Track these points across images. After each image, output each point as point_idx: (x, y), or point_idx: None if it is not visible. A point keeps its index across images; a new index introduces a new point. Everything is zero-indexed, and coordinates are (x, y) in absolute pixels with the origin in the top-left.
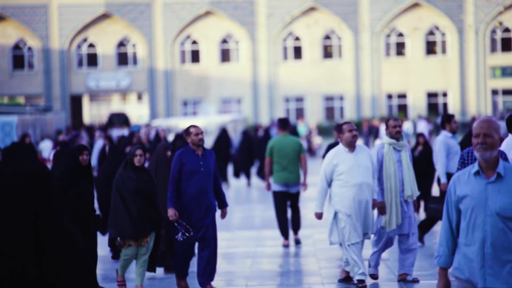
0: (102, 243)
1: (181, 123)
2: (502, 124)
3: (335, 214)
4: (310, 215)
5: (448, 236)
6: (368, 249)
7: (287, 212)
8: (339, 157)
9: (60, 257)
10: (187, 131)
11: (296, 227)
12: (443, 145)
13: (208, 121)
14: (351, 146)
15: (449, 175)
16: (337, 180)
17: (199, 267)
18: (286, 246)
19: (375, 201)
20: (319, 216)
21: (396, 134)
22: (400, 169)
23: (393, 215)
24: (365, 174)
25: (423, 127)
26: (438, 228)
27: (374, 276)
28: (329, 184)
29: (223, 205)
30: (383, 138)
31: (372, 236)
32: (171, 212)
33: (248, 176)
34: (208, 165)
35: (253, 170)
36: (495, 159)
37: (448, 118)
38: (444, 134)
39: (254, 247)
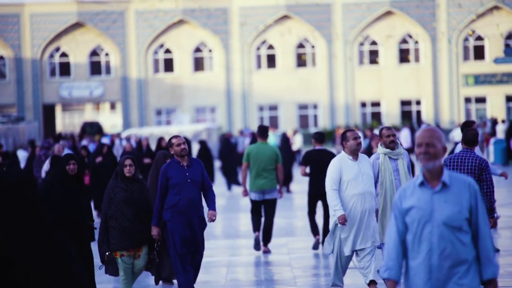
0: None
1: (155, 132)
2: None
3: (336, 224)
4: (286, 223)
5: (398, 249)
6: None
7: (261, 214)
8: (344, 165)
9: (49, 268)
10: (169, 142)
11: (267, 238)
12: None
13: (182, 130)
14: (355, 154)
15: None
16: (342, 189)
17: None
18: (258, 237)
19: (376, 210)
20: (343, 218)
21: (390, 144)
22: (398, 178)
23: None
24: (368, 182)
25: (405, 135)
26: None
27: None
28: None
29: (211, 207)
30: (378, 149)
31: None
32: (154, 231)
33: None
34: (195, 175)
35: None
36: (439, 168)
37: (467, 126)
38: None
39: (229, 256)
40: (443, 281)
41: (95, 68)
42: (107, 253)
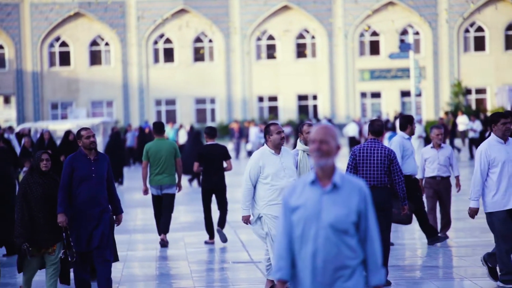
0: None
1: (50, 127)
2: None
3: (259, 218)
4: (182, 218)
5: (287, 248)
6: None
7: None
8: (265, 159)
9: None
10: (78, 134)
11: (165, 228)
12: (399, 146)
13: (78, 124)
14: (277, 148)
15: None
16: (263, 183)
17: (98, 276)
18: (162, 240)
19: None
20: (247, 219)
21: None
22: None
23: None
24: (291, 176)
25: None
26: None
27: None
28: (254, 187)
29: (118, 211)
30: (297, 145)
31: None
32: (61, 218)
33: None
34: (101, 170)
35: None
36: (331, 167)
37: (410, 121)
38: (401, 135)
39: (125, 251)
40: (327, 284)
41: None
42: (25, 245)
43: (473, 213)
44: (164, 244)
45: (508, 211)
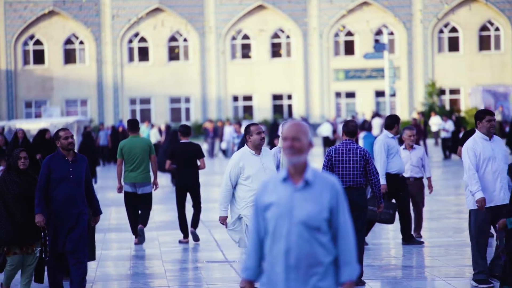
0: None
1: (24, 125)
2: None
3: (239, 218)
4: (157, 217)
5: (256, 247)
6: None
7: (135, 209)
8: (245, 160)
9: None
10: (56, 135)
11: (143, 221)
12: (384, 145)
13: (52, 123)
14: (258, 148)
15: (388, 175)
16: (243, 184)
17: (72, 277)
18: (141, 229)
19: None
20: (224, 220)
21: None
22: None
23: None
24: None
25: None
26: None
27: None
28: (234, 188)
29: (97, 212)
30: (279, 142)
31: None
32: (38, 218)
33: None
34: (79, 171)
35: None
36: (304, 164)
37: (396, 120)
38: (386, 134)
39: (99, 250)
40: (302, 281)
41: None
42: (4, 249)
43: (482, 203)
44: (140, 234)
45: (491, 209)
